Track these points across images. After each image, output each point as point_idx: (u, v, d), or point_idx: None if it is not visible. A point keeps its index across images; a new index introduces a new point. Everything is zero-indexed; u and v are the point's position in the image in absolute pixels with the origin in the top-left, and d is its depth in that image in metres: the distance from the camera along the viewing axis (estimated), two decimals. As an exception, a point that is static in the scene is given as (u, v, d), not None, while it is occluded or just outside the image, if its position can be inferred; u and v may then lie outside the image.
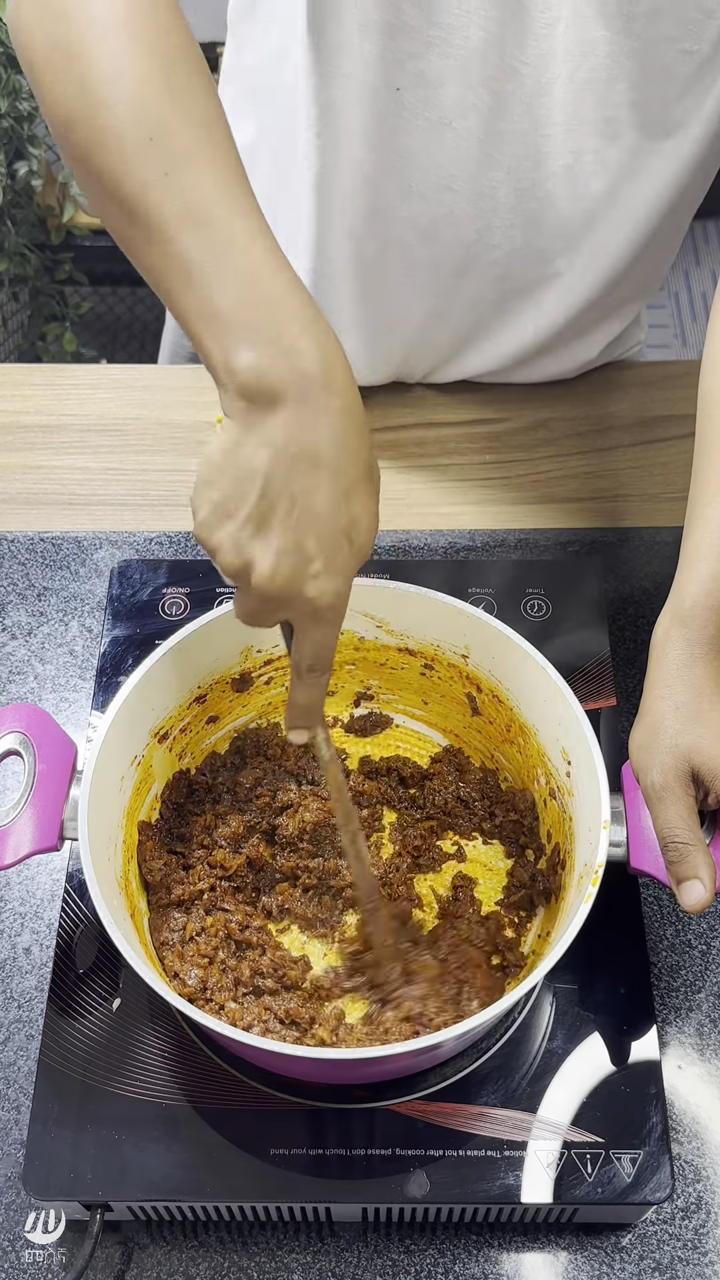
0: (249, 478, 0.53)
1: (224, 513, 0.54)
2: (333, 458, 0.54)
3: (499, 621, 0.74)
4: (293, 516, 0.54)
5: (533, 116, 0.81)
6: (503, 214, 0.88)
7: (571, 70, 0.78)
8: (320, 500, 0.54)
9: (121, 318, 2.47)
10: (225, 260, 0.54)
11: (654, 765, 0.64)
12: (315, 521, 0.54)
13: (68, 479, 1.04)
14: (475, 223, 0.88)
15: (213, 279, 0.54)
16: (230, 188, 0.55)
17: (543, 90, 0.79)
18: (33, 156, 1.92)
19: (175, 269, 0.55)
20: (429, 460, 1.05)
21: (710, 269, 2.67)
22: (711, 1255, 0.69)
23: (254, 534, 0.54)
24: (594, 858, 0.65)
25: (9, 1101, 0.73)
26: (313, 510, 0.54)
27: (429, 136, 0.83)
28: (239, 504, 0.54)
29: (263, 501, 0.54)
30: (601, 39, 0.77)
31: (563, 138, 0.82)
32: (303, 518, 0.54)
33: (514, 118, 0.81)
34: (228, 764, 0.80)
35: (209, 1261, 0.69)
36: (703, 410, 0.73)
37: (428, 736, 0.84)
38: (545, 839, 0.76)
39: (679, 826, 0.63)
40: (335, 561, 0.56)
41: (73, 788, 0.69)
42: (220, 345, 0.54)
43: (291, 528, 0.54)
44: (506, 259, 0.92)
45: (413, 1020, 0.67)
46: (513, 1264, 0.68)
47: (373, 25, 0.77)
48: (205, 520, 0.55)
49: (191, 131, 0.56)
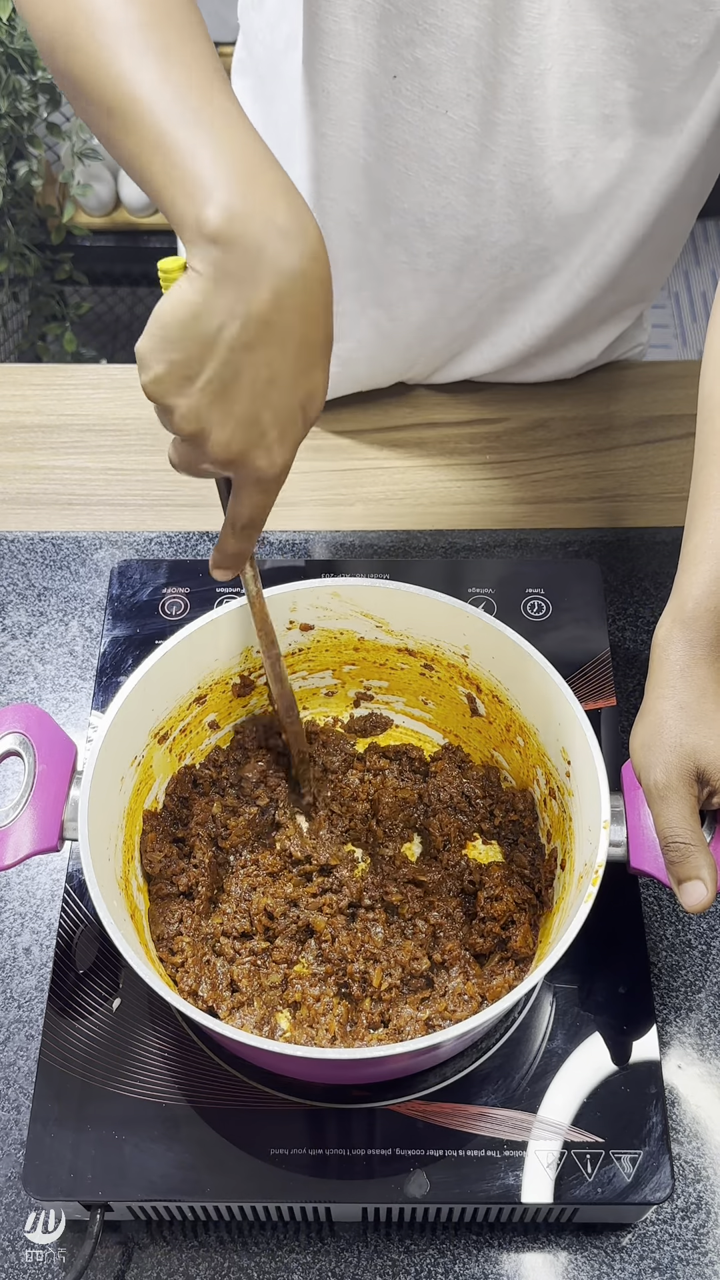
0: (213, 342, 0.52)
1: (183, 375, 0.53)
2: (300, 330, 0.53)
3: (499, 622, 0.74)
4: (255, 386, 0.53)
5: (527, 109, 0.81)
6: (500, 209, 0.88)
7: (567, 64, 0.78)
8: (283, 372, 0.54)
9: (121, 318, 2.47)
10: (201, 129, 0.53)
11: (657, 764, 0.64)
12: (275, 393, 0.54)
13: (68, 479, 1.04)
14: (473, 217, 0.88)
15: (188, 146, 0.53)
16: (204, 72, 0.55)
17: (536, 82, 0.79)
18: (33, 156, 1.92)
19: (151, 145, 0.54)
20: (429, 460, 1.05)
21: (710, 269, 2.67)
22: (711, 1255, 0.69)
23: (213, 401, 0.53)
24: (594, 858, 0.65)
25: (9, 1101, 0.73)
26: (275, 382, 0.54)
27: (426, 126, 0.83)
28: (200, 368, 0.53)
29: (225, 369, 0.53)
30: (598, 33, 0.77)
31: (559, 132, 0.82)
32: (264, 389, 0.54)
33: (508, 109, 0.81)
34: (230, 759, 0.81)
35: (209, 1261, 0.69)
36: (703, 412, 0.73)
37: (428, 737, 0.84)
38: (545, 839, 0.76)
39: (680, 826, 0.63)
40: (288, 433, 0.56)
41: (72, 788, 0.69)
42: (194, 200, 0.52)
43: (252, 398, 0.54)
44: (505, 255, 0.92)
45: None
46: (513, 1264, 0.68)
47: (368, 12, 0.77)
48: (161, 378, 0.53)
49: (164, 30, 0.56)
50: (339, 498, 1.03)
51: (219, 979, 0.70)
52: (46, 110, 1.89)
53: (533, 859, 0.76)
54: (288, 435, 0.56)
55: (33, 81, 1.81)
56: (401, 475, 1.04)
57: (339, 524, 1.00)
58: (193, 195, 0.52)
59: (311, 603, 0.78)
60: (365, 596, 0.78)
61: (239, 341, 0.52)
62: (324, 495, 1.03)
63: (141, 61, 0.55)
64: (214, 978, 0.70)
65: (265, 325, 0.52)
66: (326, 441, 1.06)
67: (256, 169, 0.53)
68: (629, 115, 0.81)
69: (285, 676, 0.76)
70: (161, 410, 0.55)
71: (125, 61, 0.55)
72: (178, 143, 0.53)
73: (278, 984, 0.70)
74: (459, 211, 0.88)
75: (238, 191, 0.52)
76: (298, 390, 0.55)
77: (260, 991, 0.70)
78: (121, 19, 0.56)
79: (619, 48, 0.77)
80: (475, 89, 0.80)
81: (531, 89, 0.80)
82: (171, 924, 0.72)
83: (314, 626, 0.79)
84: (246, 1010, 0.69)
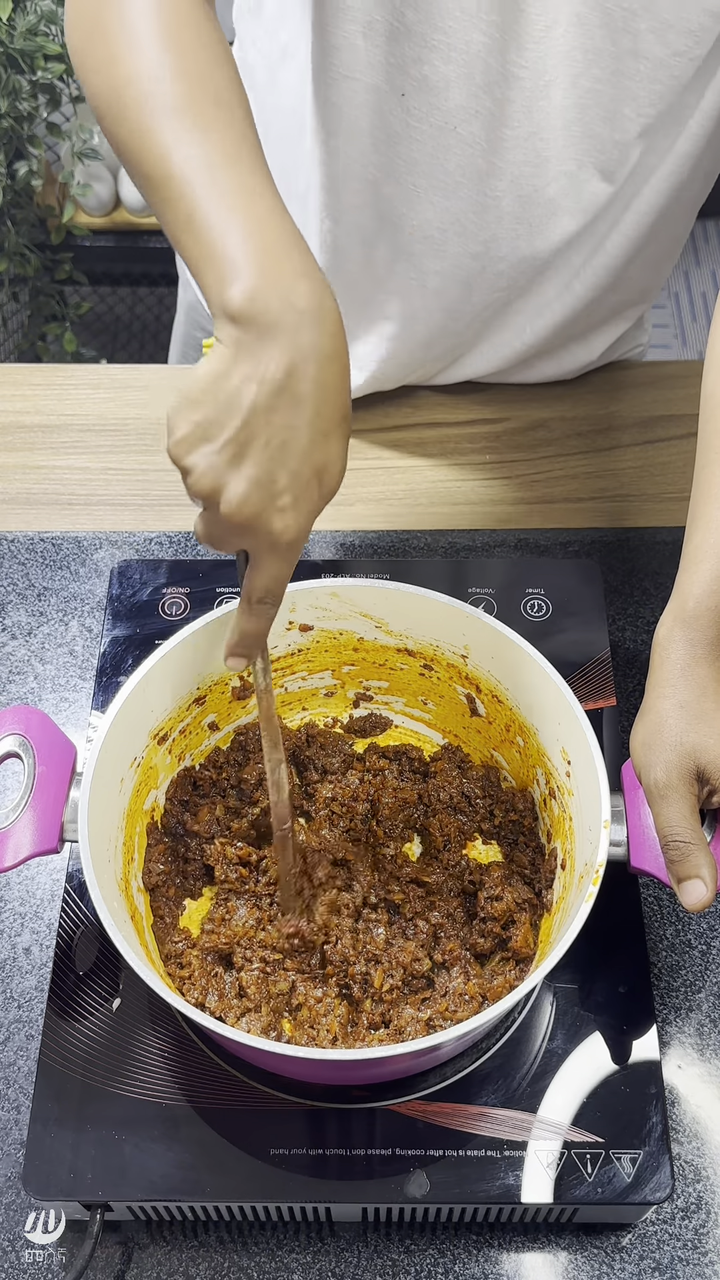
0: (234, 405, 0.55)
1: (203, 435, 0.55)
2: (315, 398, 0.55)
3: (498, 621, 0.74)
4: (270, 449, 0.55)
5: (533, 121, 0.80)
6: (508, 224, 0.88)
7: (574, 77, 0.78)
8: (298, 437, 0.55)
9: (121, 318, 2.47)
10: (231, 212, 0.57)
11: (657, 763, 0.64)
12: (290, 457, 0.56)
13: (68, 479, 1.04)
14: (481, 233, 0.88)
15: (219, 228, 0.56)
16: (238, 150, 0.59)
17: (541, 93, 0.79)
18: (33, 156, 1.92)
19: (185, 222, 0.58)
20: (429, 460, 1.05)
21: (710, 269, 2.67)
22: (711, 1255, 0.69)
23: (230, 461, 0.55)
24: (594, 857, 0.65)
25: (9, 1101, 0.73)
26: (290, 446, 0.55)
27: (435, 142, 0.83)
28: (220, 429, 0.55)
29: (243, 431, 0.55)
30: (606, 51, 0.76)
31: (564, 143, 0.82)
32: (279, 452, 0.55)
33: (515, 123, 0.81)
34: (231, 760, 0.81)
35: (209, 1261, 0.69)
36: (705, 411, 0.73)
37: (427, 737, 0.84)
38: (545, 839, 0.76)
39: (681, 825, 0.63)
40: (303, 499, 0.57)
41: (72, 789, 0.69)
42: (220, 278, 0.56)
43: (267, 460, 0.55)
44: (512, 269, 0.92)
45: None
46: (513, 1264, 0.68)
47: (377, 29, 0.77)
48: (184, 439, 0.56)
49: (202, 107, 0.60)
50: (339, 498, 1.02)
51: (226, 989, 0.70)
52: (46, 110, 1.89)
53: (533, 859, 0.76)
54: (303, 500, 0.57)
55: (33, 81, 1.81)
56: (401, 475, 1.04)
57: (339, 524, 1.00)
58: (221, 275, 0.56)
59: (310, 603, 0.78)
60: (364, 596, 0.78)
61: (256, 405, 0.54)
62: (324, 495, 1.03)
63: (180, 138, 0.59)
64: (221, 988, 0.70)
65: (280, 391, 0.55)
66: (326, 441, 1.06)
67: (282, 253, 0.56)
68: (635, 125, 0.81)
69: (285, 786, 0.70)
70: (183, 470, 0.57)
71: (166, 137, 0.59)
72: (209, 223, 0.57)
73: (285, 991, 0.70)
74: (467, 228, 0.88)
75: (261, 274, 0.55)
76: (314, 457, 0.56)
77: (268, 999, 0.70)
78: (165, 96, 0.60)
79: (627, 70, 0.77)
80: (483, 105, 0.80)
81: (537, 101, 0.79)
82: (178, 942, 0.72)
83: (313, 627, 0.79)
84: (254, 1016, 0.69)
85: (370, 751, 0.82)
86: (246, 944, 0.71)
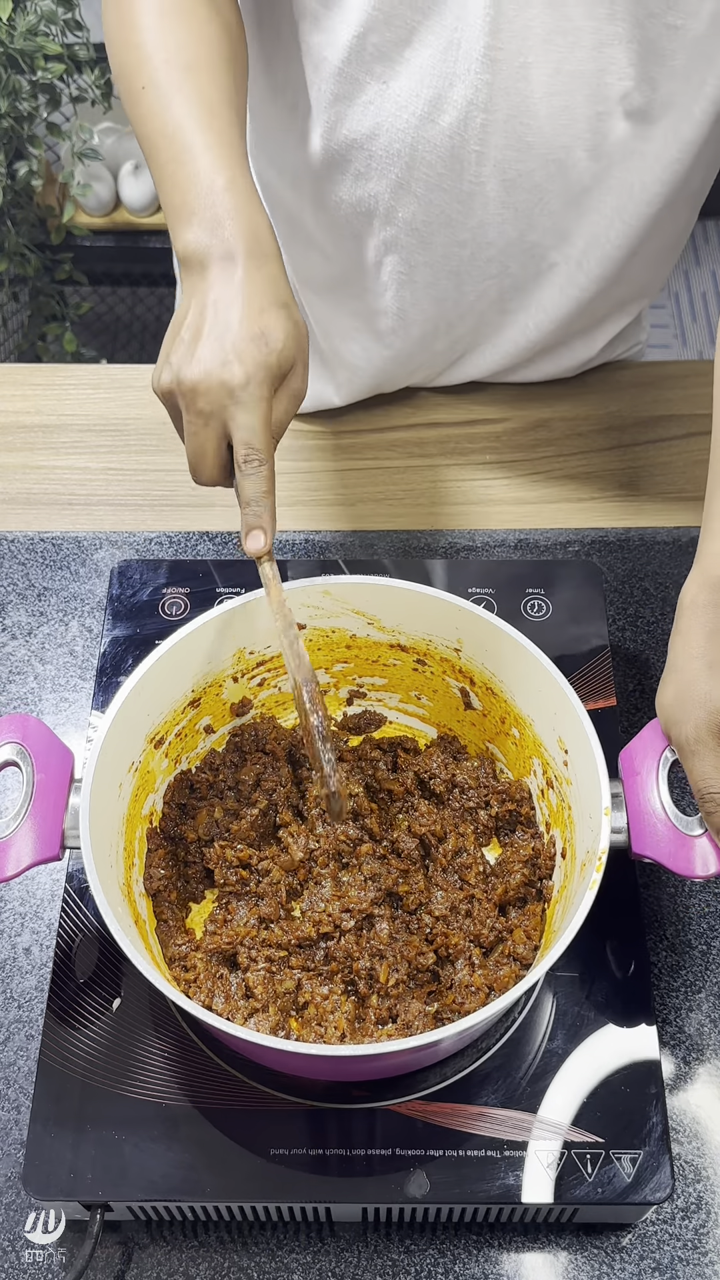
0: (179, 323, 0.69)
1: (165, 357, 0.69)
2: (245, 292, 0.68)
3: (491, 614, 0.74)
4: (214, 334, 0.67)
5: (511, 103, 0.81)
6: (494, 210, 0.88)
7: (557, 62, 0.78)
8: (233, 317, 0.67)
9: (121, 318, 2.47)
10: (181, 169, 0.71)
11: (688, 720, 0.65)
12: (229, 333, 0.67)
13: (68, 479, 1.04)
14: (468, 220, 0.89)
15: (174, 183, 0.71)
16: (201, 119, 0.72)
17: (520, 75, 0.79)
18: (33, 156, 1.92)
19: (157, 177, 0.73)
20: (429, 460, 1.05)
21: (710, 269, 2.67)
22: (711, 1255, 0.69)
23: (186, 353, 0.67)
24: (596, 845, 0.65)
25: (9, 1101, 0.73)
26: (230, 325, 0.67)
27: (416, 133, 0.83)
28: (174, 344, 0.68)
29: (188, 331, 0.68)
30: (586, 29, 0.77)
31: (551, 130, 0.82)
32: (223, 332, 0.67)
33: (495, 107, 0.81)
34: (227, 762, 0.81)
35: (209, 1261, 0.69)
36: (718, 387, 0.74)
37: (422, 732, 0.84)
38: (544, 829, 0.76)
39: (715, 778, 0.64)
40: (248, 355, 0.67)
41: (71, 796, 0.68)
42: (174, 230, 0.70)
43: (214, 341, 0.67)
44: (502, 255, 0.92)
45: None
46: (513, 1264, 0.68)
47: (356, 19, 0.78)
48: (156, 374, 0.69)
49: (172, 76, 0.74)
50: (339, 498, 1.03)
51: (233, 990, 0.70)
52: (46, 110, 1.89)
53: (532, 849, 0.76)
54: (247, 356, 0.66)
55: (33, 81, 1.81)
56: (401, 475, 1.04)
57: (339, 524, 1.00)
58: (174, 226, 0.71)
59: (303, 601, 0.78)
60: (356, 594, 0.78)
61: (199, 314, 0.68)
62: (324, 495, 1.03)
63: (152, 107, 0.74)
64: (227, 990, 0.70)
65: (217, 302, 0.68)
66: (327, 441, 1.06)
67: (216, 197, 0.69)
68: (622, 108, 0.81)
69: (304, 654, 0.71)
70: (160, 395, 0.69)
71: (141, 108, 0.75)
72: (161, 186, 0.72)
73: (291, 989, 0.70)
74: (453, 217, 0.88)
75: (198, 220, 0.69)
76: (250, 326, 0.67)
77: (275, 998, 0.70)
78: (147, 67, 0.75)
79: (607, 40, 0.77)
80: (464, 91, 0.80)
81: (515, 83, 0.80)
82: (181, 945, 0.72)
83: (305, 625, 0.79)
84: (261, 1016, 0.69)
85: (365, 744, 0.82)
86: (250, 944, 0.71)
